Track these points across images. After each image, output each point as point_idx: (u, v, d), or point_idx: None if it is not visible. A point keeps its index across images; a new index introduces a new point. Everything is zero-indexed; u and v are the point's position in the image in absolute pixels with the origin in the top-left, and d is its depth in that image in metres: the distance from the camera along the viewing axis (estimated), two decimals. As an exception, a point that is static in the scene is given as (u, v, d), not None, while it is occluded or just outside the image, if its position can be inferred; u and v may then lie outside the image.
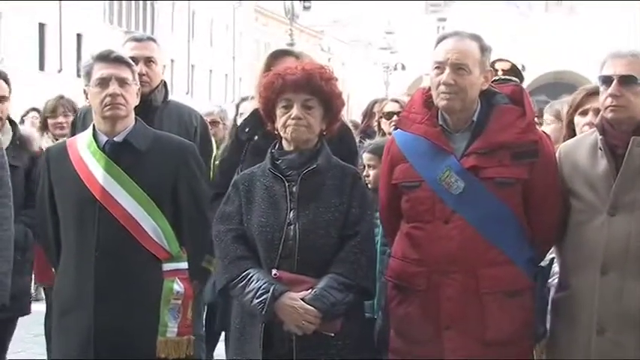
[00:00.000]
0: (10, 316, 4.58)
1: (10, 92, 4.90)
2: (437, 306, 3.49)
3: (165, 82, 4.91)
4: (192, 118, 4.92)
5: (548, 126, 4.93)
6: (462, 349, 3.46)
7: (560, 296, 3.56)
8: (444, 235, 3.49)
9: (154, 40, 4.90)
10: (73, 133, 4.72)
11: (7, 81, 4.91)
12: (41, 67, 34.77)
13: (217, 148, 6.81)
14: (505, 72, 5.58)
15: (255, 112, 4.17)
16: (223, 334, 5.89)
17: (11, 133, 4.87)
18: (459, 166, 3.49)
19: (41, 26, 34.83)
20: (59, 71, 34.74)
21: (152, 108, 4.66)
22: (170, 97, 4.95)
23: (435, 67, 3.53)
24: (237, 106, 6.70)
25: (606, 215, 3.37)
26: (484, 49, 3.57)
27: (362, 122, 7.08)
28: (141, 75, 4.61)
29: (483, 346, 3.45)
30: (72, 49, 36.30)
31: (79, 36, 37.03)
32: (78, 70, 35.61)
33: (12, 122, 4.98)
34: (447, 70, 3.48)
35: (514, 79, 5.52)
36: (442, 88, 3.50)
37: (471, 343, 3.45)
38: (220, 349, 6.29)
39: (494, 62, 5.65)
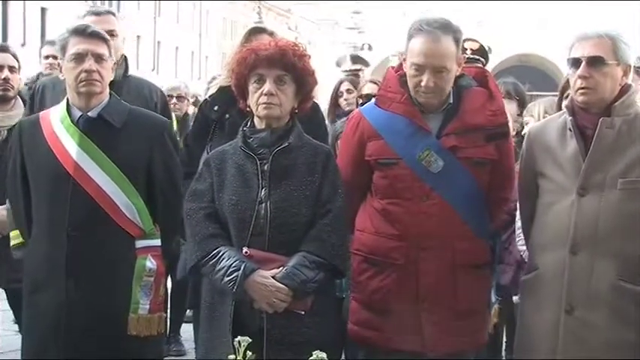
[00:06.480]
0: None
1: (19, 67, 4.83)
2: (415, 279, 3.61)
3: (125, 57, 4.86)
4: (152, 93, 4.90)
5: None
6: (437, 319, 3.59)
7: (529, 276, 3.60)
8: (424, 211, 3.59)
9: (112, 13, 4.89)
10: (31, 110, 4.65)
11: (14, 56, 4.85)
12: (4, 41, 34.17)
13: (178, 122, 6.81)
14: (473, 52, 5.65)
15: (222, 90, 4.14)
16: (189, 312, 5.90)
17: (22, 109, 4.80)
18: (439, 145, 3.59)
19: (4, -1, 34.31)
20: (22, 45, 34.24)
21: (112, 82, 4.62)
22: (131, 72, 4.92)
23: (414, 68, 3.57)
24: (209, 85, 6.65)
25: (576, 195, 3.40)
26: (458, 41, 3.63)
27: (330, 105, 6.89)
28: None
29: (455, 316, 3.61)
30: (36, 23, 35.80)
31: (43, 10, 36.53)
32: (42, 45, 35.18)
33: (25, 100, 4.92)
34: (427, 75, 3.54)
35: (481, 59, 5.59)
36: (422, 88, 3.57)
37: (445, 313, 3.60)
38: (185, 327, 6.30)
39: (463, 41, 5.70)
